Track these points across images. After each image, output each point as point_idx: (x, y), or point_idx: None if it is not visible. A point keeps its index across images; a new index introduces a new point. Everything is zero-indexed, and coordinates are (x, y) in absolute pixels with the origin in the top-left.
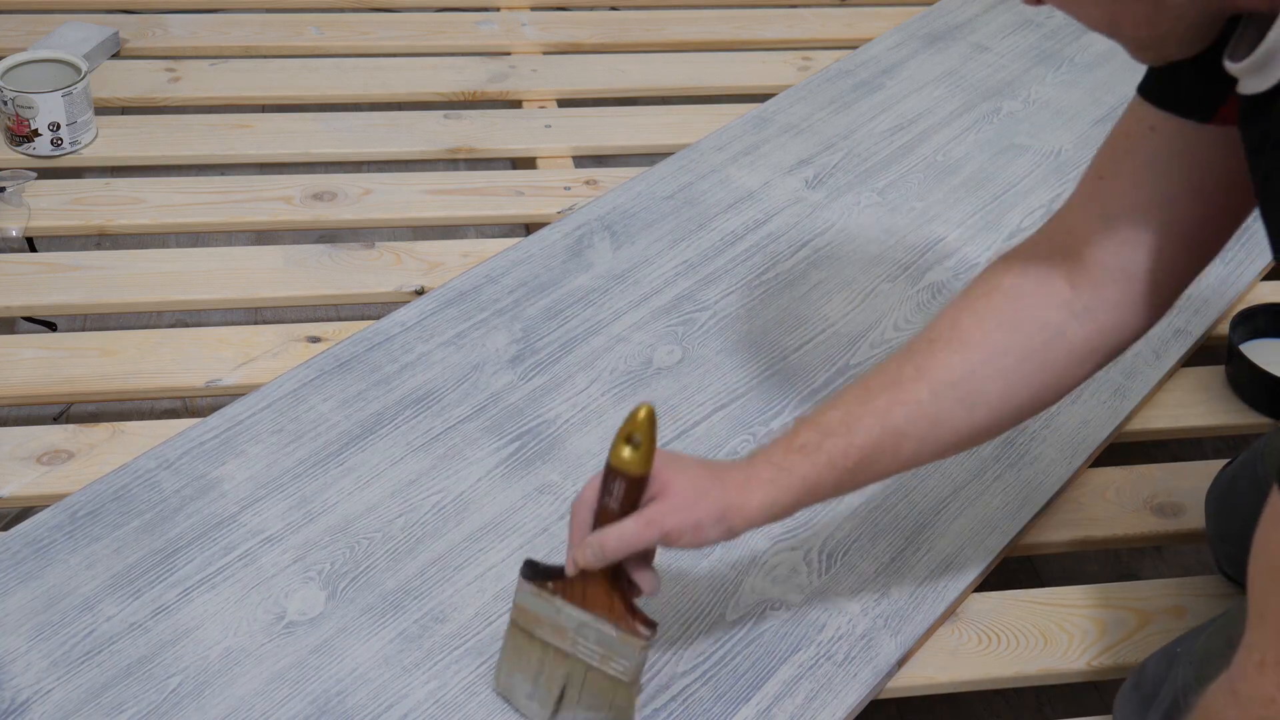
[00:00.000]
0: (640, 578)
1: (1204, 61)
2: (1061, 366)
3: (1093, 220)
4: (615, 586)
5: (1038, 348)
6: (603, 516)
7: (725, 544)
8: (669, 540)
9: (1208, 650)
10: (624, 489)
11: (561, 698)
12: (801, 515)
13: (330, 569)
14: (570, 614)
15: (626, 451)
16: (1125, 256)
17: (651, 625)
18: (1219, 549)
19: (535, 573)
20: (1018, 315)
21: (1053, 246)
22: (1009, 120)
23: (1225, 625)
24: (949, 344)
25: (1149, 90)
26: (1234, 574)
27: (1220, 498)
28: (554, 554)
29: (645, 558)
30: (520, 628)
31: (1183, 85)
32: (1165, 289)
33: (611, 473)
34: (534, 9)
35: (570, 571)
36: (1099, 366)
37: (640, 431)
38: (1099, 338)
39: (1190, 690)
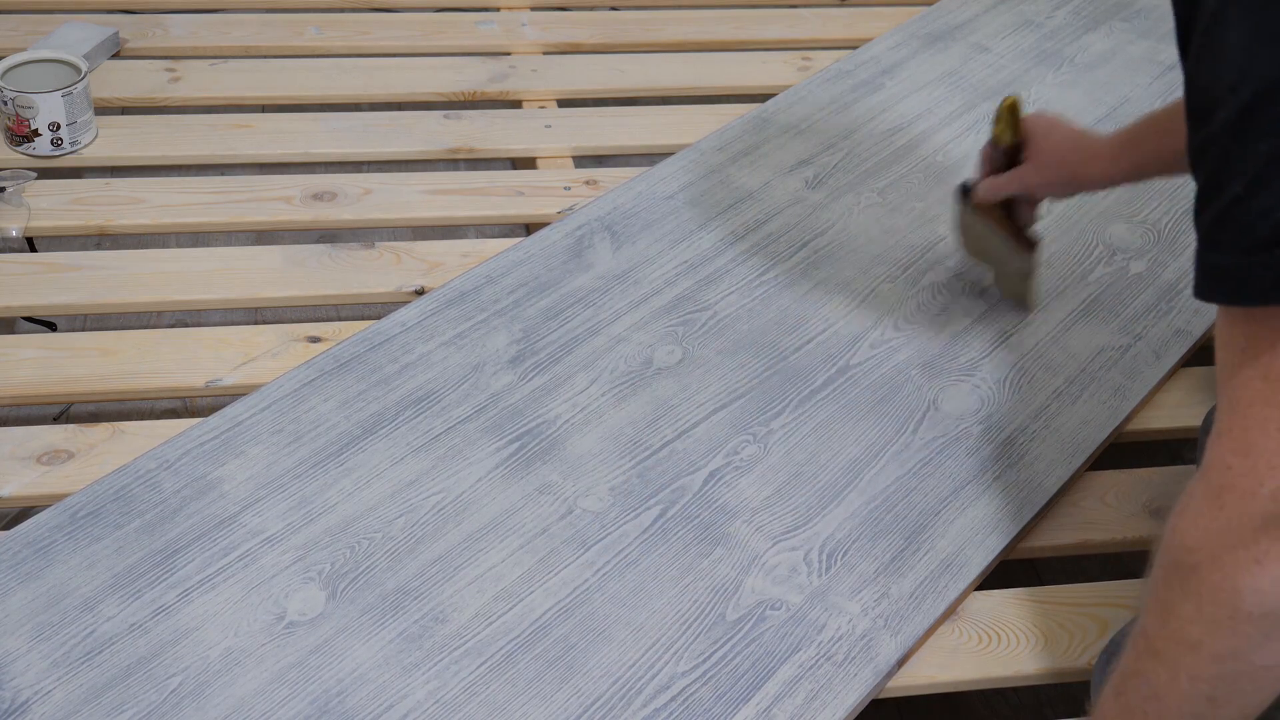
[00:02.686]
0: (1024, 211)
1: None
2: None
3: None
4: (1011, 212)
5: None
6: (991, 166)
7: (725, 544)
8: (1031, 191)
9: None
10: (1002, 153)
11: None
12: (801, 515)
13: (330, 569)
14: (983, 229)
15: (996, 129)
16: None
17: (1035, 242)
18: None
19: (963, 193)
20: None
21: None
22: None
23: None
24: None
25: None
26: None
27: (1208, 425)
28: (554, 554)
29: (1030, 200)
30: (964, 227)
31: None
32: None
33: (991, 142)
34: (534, 9)
35: (975, 204)
36: None
37: (1004, 116)
38: None
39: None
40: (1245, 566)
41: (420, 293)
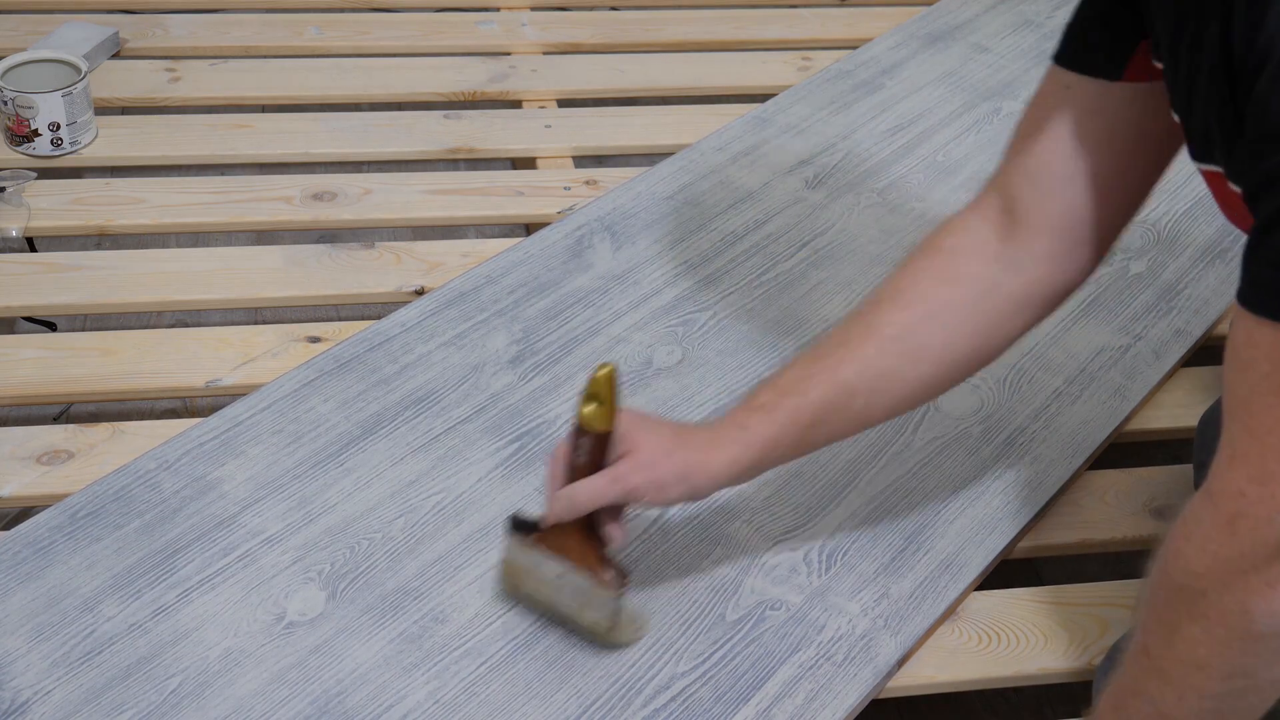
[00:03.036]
0: (610, 531)
1: (1111, 20)
2: (998, 317)
3: (1018, 178)
4: (590, 538)
5: (974, 300)
6: (574, 471)
7: (725, 544)
8: (634, 496)
9: None
10: (590, 445)
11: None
12: (801, 515)
13: (330, 569)
14: (549, 565)
15: (589, 409)
16: (1051, 210)
17: (624, 575)
18: (1200, 475)
19: (519, 525)
20: (955, 272)
21: (986, 207)
22: (1009, 120)
23: None
24: (893, 302)
25: (1063, 56)
26: None
27: (1205, 428)
28: None
29: (615, 512)
30: (510, 581)
31: (1092, 47)
32: (1094, 239)
33: (578, 430)
34: (534, 9)
35: (544, 524)
36: (1038, 317)
37: (601, 390)
38: (1033, 288)
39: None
40: (1258, 591)
41: (420, 293)
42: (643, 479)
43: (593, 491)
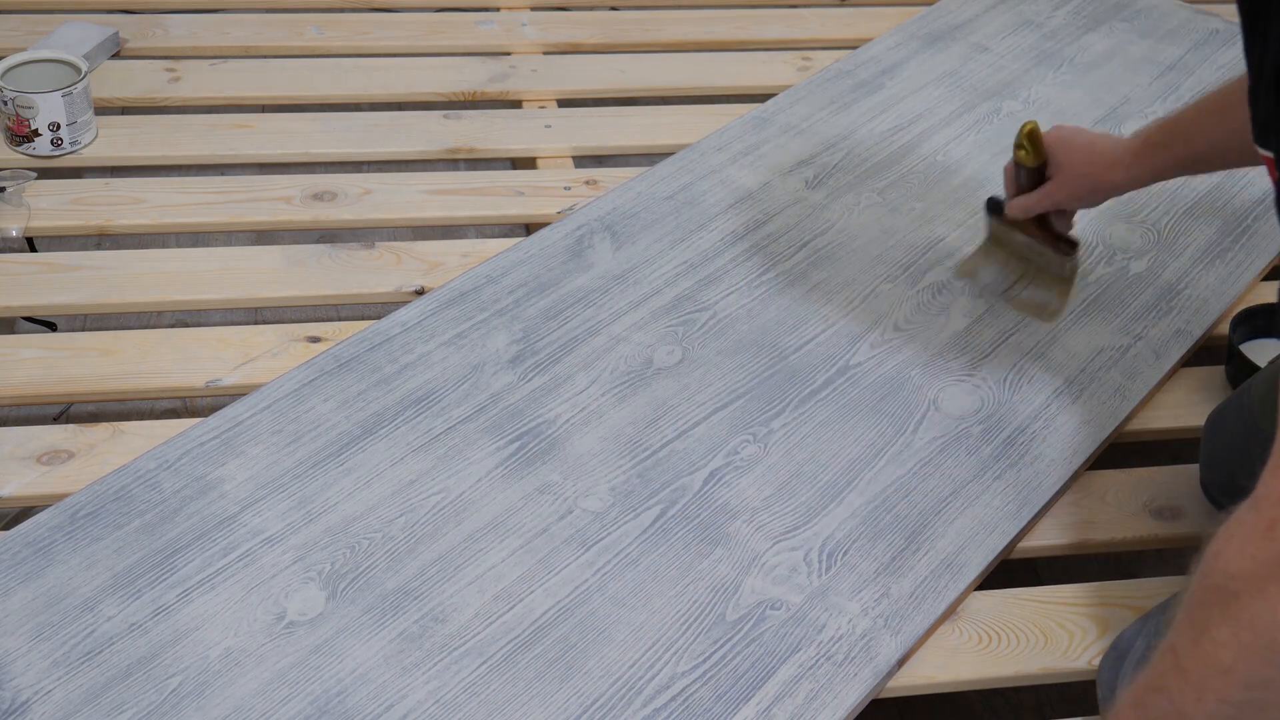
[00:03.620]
0: (1057, 221)
1: None
2: None
3: None
4: (1045, 221)
5: None
6: (1017, 190)
7: (725, 544)
8: (1061, 206)
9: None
10: (1025, 174)
11: (1013, 284)
12: (801, 515)
13: (330, 569)
14: (1021, 239)
15: (1019, 153)
16: None
17: (1074, 244)
18: (1206, 474)
19: (995, 208)
20: None
21: None
22: (1009, 120)
23: None
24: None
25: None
26: (1217, 496)
27: (1213, 426)
28: (554, 554)
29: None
30: (996, 238)
31: None
32: None
33: (1015, 163)
34: (534, 9)
35: (1007, 217)
36: None
37: (1024, 141)
38: None
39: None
40: None
41: (420, 293)
42: (1063, 194)
43: (1027, 204)
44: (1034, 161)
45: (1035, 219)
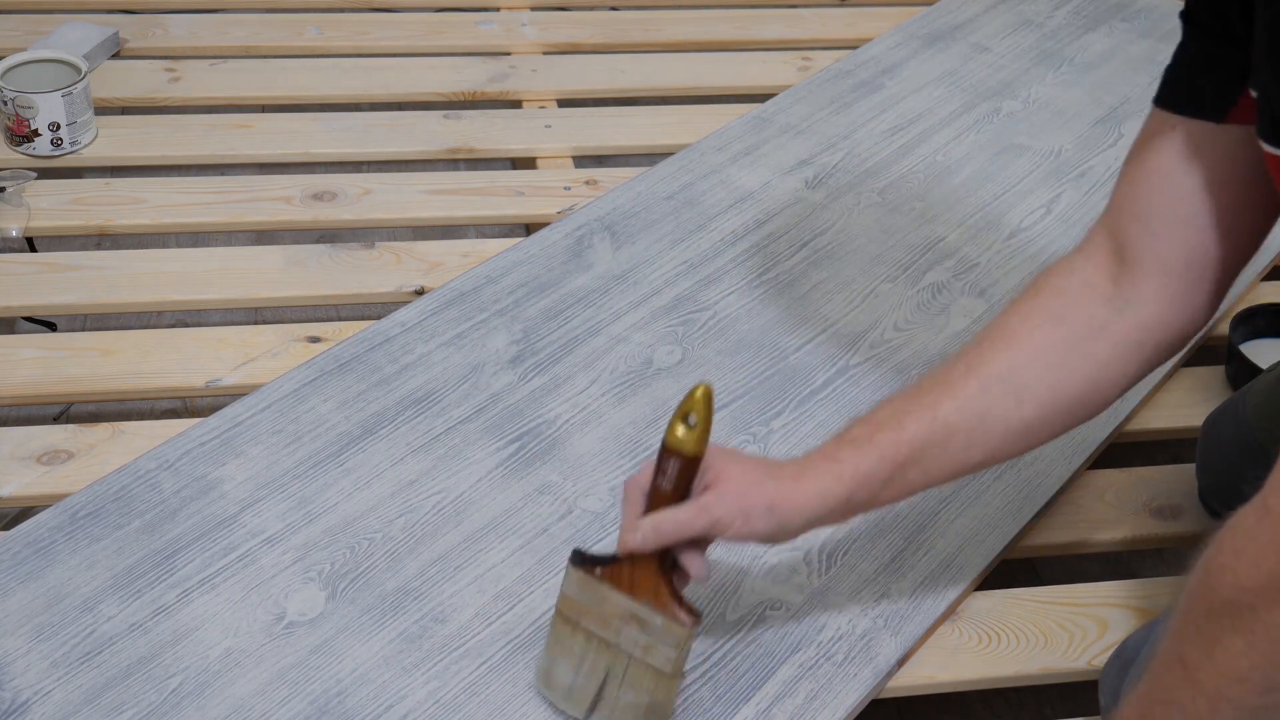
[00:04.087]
0: (691, 563)
1: (1215, 63)
2: (1106, 360)
3: (1126, 219)
4: (663, 573)
5: (1082, 340)
6: (656, 498)
7: (725, 544)
8: (718, 529)
9: None
10: (678, 469)
11: (601, 690)
12: None
13: (330, 569)
14: (616, 601)
15: (681, 430)
16: (1161, 251)
17: (696, 614)
18: (1202, 480)
19: (583, 560)
20: (1062, 311)
21: (1095, 249)
22: (1009, 120)
23: None
24: (996, 342)
25: (1164, 99)
26: (1216, 506)
27: (1208, 434)
28: (553, 554)
29: (697, 544)
30: (565, 618)
31: (1195, 89)
32: (1208, 281)
33: (666, 452)
34: (534, 9)
35: (621, 552)
36: (1148, 363)
37: (697, 410)
38: (1142, 332)
39: None
40: None
41: (420, 293)
42: (730, 510)
43: (678, 521)
44: (697, 448)
45: (649, 564)
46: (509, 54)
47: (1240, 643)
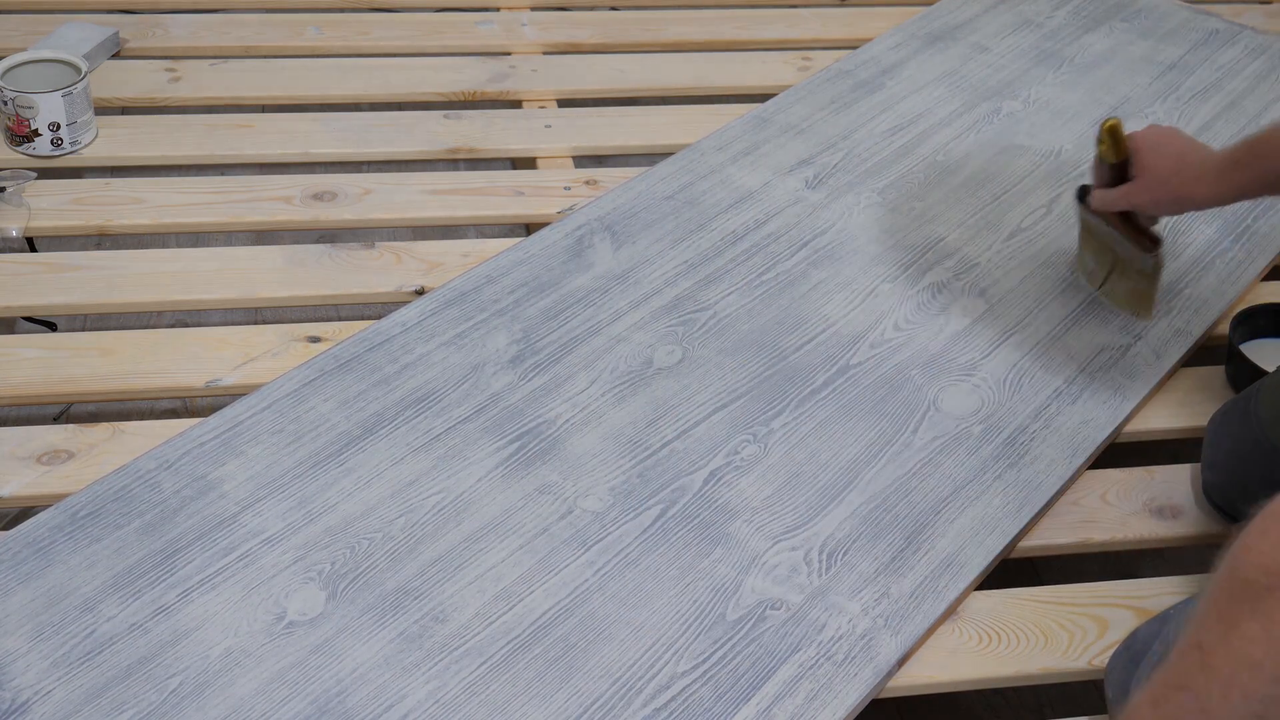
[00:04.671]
0: (1144, 217)
1: None
2: None
3: None
4: (1129, 214)
5: None
6: (1101, 183)
7: (725, 544)
8: (1137, 209)
9: None
10: (1107, 169)
11: (1109, 274)
12: (801, 515)
13: (330, 569)
14: (1106, 230)
15: (1100, 149)
16: None
17: (1157, 240)
18: (1206, 476)
19: (1082, 195)
20: None
21: None
22: (1009, 120)
23: None
24: None
25: None
26: (1220, 502)
27: (1216, 430)
28: (554, 554)
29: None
30: (1086, 225)
31: None
32: None
33: (1097, 157)
34: (534, 9)
35: (1093, 207)
36: None
37: (1105, 138)
38: None
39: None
40: None
41: (420, 293)
42: (1144, 199)
43: (1107, 200)
44: (1114, 158)
45: (1119, 212)
46: (509, 54)
47: (1257, 627)
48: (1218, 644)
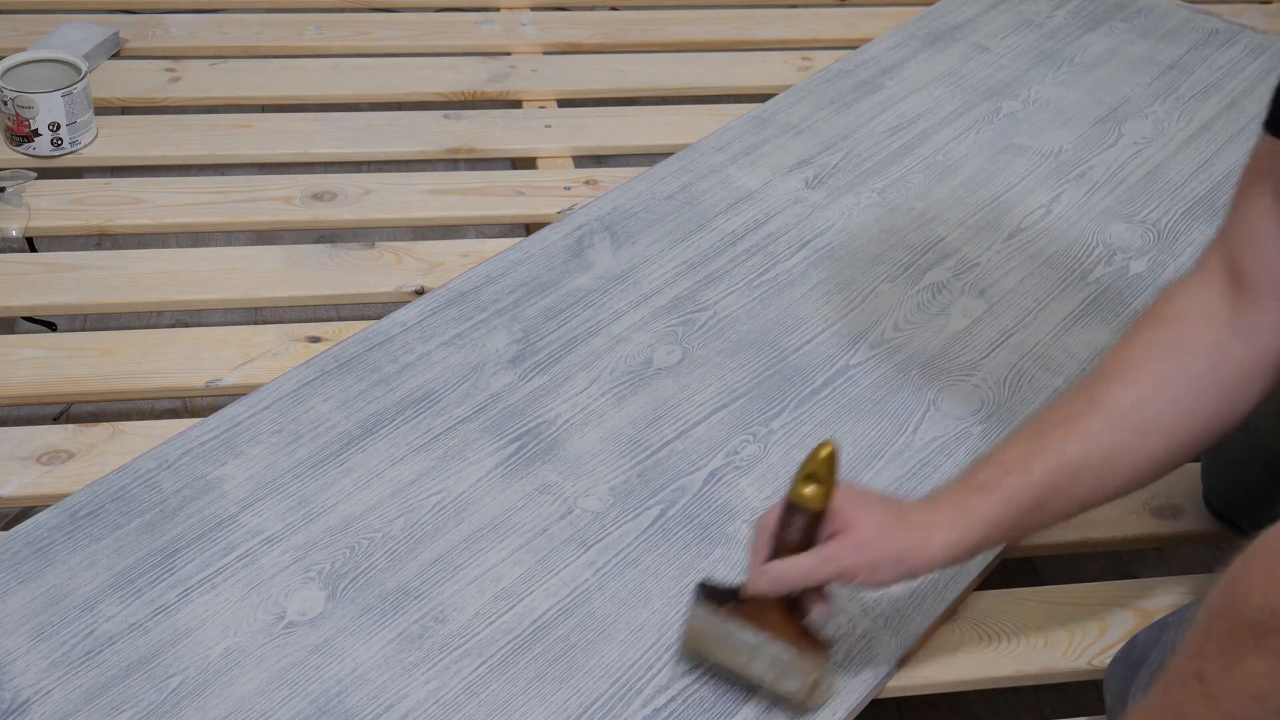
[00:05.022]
0: (813, 605)
1: None
2: (1232, 388)
3: (1242, 244)
4: (789, 610)
5: (1204, 371)
6: (781, 548)
7: (725, 544)
8: (845, 578)
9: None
10: (803, 523)
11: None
12: None
13: (330, 569)
14: (745, 634)
15: (808, 489)
16: (1277, 275)
17: (825, 647)
18: (1208, 484)
19: (709, 595)
20: (1183, 341)
21: (1210, 272)
22: (1009, 120)
23: None
24: (1119, 375)
25: (1272, 124)
26: (1220, 509)
27: None
28: (554, 554)
29: (820, 587)
30: (691, 650)
31: None
32: None
33: (791, 507)
34: (534, 9)
35: (746, 596)
36: (1271, 387)
37: (821, 470)
38: (1266, 356)
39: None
40: None
41: (420, 293)
42: (857, 561)
43: (801, 571)
44: (821, 504)
45: (776, 603)
46: (509, 54)
47: (1263, 664)
48: (1221, 677)
